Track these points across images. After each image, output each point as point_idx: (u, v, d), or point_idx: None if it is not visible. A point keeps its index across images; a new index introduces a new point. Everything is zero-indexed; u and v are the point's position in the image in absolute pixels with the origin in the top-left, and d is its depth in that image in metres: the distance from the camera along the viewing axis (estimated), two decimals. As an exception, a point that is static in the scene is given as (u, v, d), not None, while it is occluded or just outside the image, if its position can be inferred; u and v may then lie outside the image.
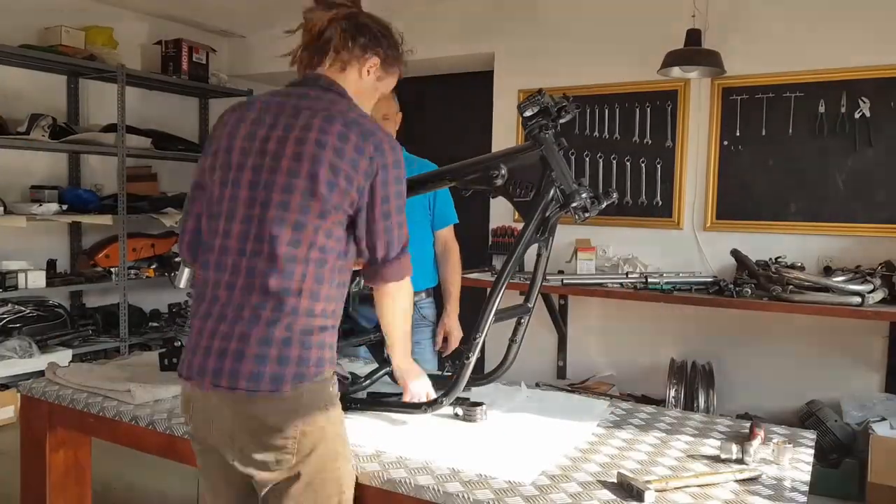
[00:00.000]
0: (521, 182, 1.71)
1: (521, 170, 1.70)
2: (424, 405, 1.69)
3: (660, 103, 4.06)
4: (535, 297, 1.86)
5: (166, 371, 2.02)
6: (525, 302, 1.87)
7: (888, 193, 3.51)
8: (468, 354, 1.65)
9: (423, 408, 1.69)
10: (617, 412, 1.86)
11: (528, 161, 1.69)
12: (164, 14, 5.20)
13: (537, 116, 1.68)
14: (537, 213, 1.67)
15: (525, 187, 1.71)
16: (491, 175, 1.71)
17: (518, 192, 1.71)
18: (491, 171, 1.71)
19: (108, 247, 4.74)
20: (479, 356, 1.68)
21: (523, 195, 1.71)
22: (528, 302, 1.87)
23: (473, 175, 1.77)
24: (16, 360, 4.01)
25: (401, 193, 1.43)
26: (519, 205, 1.72)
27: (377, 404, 1.79)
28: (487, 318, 1.65)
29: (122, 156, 4.61)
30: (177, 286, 2.00)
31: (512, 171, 1.70)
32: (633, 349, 4.17)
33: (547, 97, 1.67)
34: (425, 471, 1.42)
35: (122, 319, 4.66)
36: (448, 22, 4.66)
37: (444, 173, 1.82)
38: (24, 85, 4.50)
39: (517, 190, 1.71)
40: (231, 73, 5.69)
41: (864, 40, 3.49)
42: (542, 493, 1.33)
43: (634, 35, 4.04)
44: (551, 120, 1.68)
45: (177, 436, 1.67)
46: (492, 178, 1.71)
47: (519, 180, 1.71)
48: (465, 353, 1.66)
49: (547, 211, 1.68)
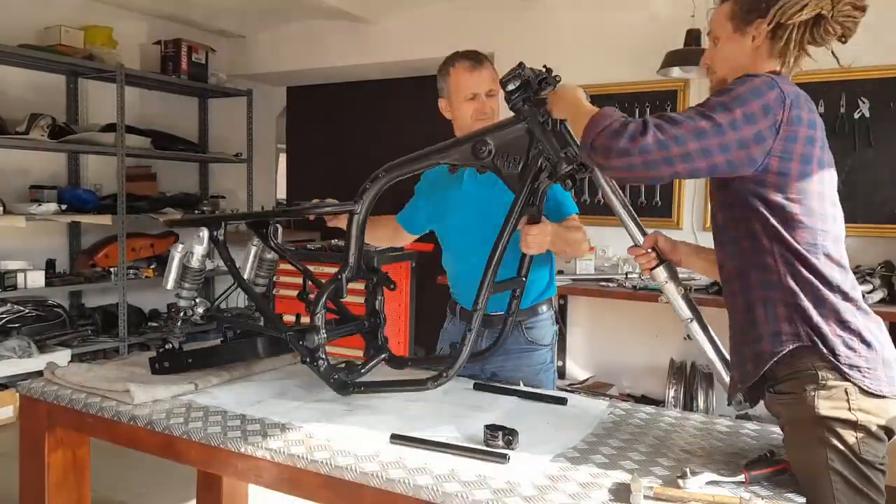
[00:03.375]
0: (508, 155, 1.75)
1: (507, 144, 1.75)
2: (429, 380, 1.70)
3: (660, 103, 4.06)
4: (528, 269, 1.93)
5: (157, 374, 2.01)
6: (518, 275, 1.93)
7: (888, 193, 3.51)
8: (469, 327, 1.69)
9: (428, 383, 1.70)
10: (616, 412, 1.85)
11: (514, 134, 1.74)
12: (163, 14, 5.19)
13: (519, 90, 1.72)
14: (527, 184, 1.73)
15: (513, 160, 1.75)
16: (478, 150, 1.75)
17: (507, 165, 1.76)
18: (478, 146, 1.75)
19: (107, 247, 4.75)
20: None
21: (511, 168, 1.75)
22: (521, 275, 1.93)
23: (461, 152, 1.80)
24: (15, 360, 4.01)
25: None
26: (508, 178, 1.77)
27: (380, 386, 1.79)
28: (485, 289, 1.70)
29: (121, 155, 4.61)
30: (164, 286, 2.00)
31: (499, 146, 1.75)
32: (633, 349, 4.17)
33: (528, 70, 1.71)
34: (424, 471, 1.42)
35: (122, 319, 4.66)
36: (448, 22, 4.66)
37: (431, 152, 1.84)
38: (24, 85, 4.50)
39: (505, 164, 1.76)
40: (230, 73, 5.69)
41: (864, 40, 3.48)
42: (541, 493, 1.33)
43: (634, 35, 4.04)
44: (533, 92, 1.71)
45: (175, 436, 1.66)
46: (479, 153, 1.75)
47: (506, 154, 1.75)
48: (465, 327, 1.70)
49: (536, 181, 1.73)
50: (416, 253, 4.45)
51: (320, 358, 1.79)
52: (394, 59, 5.00)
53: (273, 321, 1.91)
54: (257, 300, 2.01)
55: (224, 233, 2.02)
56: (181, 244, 2.01)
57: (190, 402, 1.83)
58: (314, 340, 1.77)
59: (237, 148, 5.64)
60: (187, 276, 2.00)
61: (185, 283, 2.00)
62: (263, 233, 2.02)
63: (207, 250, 2.00)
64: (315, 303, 1.81)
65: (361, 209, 1.87)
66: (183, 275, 2.00)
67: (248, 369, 2.09)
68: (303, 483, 1.51)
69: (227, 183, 5.87)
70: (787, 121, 1.33)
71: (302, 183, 6.62)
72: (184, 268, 2.00)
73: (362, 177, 1.92)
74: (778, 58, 1.47)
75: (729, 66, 1.50)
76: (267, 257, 2.10)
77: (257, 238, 2.05)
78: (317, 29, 5.29)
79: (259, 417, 1.71)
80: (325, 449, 1.52)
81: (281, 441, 1.57)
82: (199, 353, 2.07)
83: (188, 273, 2.00)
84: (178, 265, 1.99)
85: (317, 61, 5.41)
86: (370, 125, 5.91)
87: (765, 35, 1.44)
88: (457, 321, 2.23)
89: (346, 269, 1.86)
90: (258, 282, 2.11)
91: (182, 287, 2.00)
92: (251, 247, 2.08)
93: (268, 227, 2.03)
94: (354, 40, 5.13)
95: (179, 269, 1.99)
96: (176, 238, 5.24)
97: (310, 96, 6.33)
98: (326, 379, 1.80)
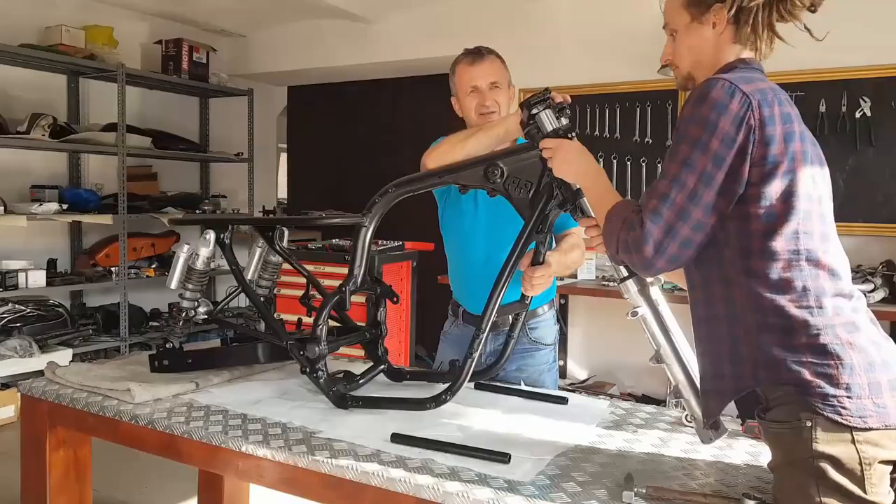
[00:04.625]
0: (519, 181, 1.73)
1: (520, 169, 1.72)
2: (428, 401, 1.69)
3: (660, 103, 4.06)
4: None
5: (157, 372, 2.01)
6: (522, 299, 1.91)
7: (889, 192, 3.51)
8: (471, 351, 1.67)
9: (427, 404, 1.69)
10: (617, 412, 1.86)
11: (528, 161, 1.71)
12: (164, 13, 5.20)
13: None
14: (536, 212, 1.70)
15: (524, 186, 1.73)
16: (490, 174, 1.73)
17: (518, 191, 1.73)
18: (490, 170, 1.73)
19: (108, 246, 4.75)
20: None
21: (522, 194, 1.73)
22: (526, 299, 1.91)
23: (472, 174, 1.78)
24: (16, 360, 4.02)
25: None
26: (518, 203, 1.74)
27: (379, 403, 1.79)
28: (490, 314, 1.67)
29: (122, 155, 4.61)
30: (168, 285, 1.99)
31: (511, 171, 1.72)
32: (634, 349, 4.16)
33: (550, 97, 1.66)
34: (425, 470, 1.42)
35: (123, 319, 4.66)
36: (448, 22, 4.66)
37: (440, 172, 1.82)
38: (25, 84, 4.50)
39: (516, 189, 1.73)
40: (231, 73, 5.70)
41: (865, 40, 3.49)
42: (542, 493, 1.33)
43: (634, 35, 4.03)
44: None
45: (177, 435, 1.66)
46: (491, 176, 1.73)
47: (518, 179, 1.73)
48: (468, 350, 1.68)
49: (546, 209, 1.70)
50: (416, 252, 4.45)
51: (320, 369, 1.79)
52: (394, 58, 5.01)
53: (275, 329, 1.91)
54: (261, 307, 2.00)
55: (231, 236, 2.00)
56: (186, 244, 1.98)
57: (191, 401, 1.84)
58: (315, 352, 1.77)
59: (238, 147, 5.64)
60: (191, 277, 1.98)
61: (189, 285, 1.98)
62: (269, 236, 2.01)
63: (213, 253, 1.98)
64: (318, 314, 1.81)
65: (370, 223, 1.85)
66: (187, 276, 1.98)
67: (250, 369, 2.09)
68: (304, 482, 1.51)
69: (228, 182, 5.88)
70: (760, 123, 1.20)
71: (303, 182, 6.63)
72: (188, 269, 1.98)
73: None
74: (745, 43, 1.33)
75: (692, 58, 1.38)
76: (272, 260, 2.09)
77: (263, 240, 2.05)
78: (318, 29, 5.29)
79: (260, 417, 1.71)
80: (326, 448, 1.52)
81: (282, 440, 1.57)
82: (199, 354, 2.08)
83: (192, 274, 1.98)
84: (183, 266, 1.97)
85: (318, 61, 5.41)
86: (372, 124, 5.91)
87: (726, 20, 1.31)
88: (459, 323, 2.21)
89: (350, 282, 1.85)
90: (262, 283, 2.11)
91: (185, 288, 1.99)
92: (256, 248, 2.08)
93: (274, 231, 2.02)
94: (355, 40, 5.13)
95: (184, 269, 1.97)
96: (177, 238, 5.24)
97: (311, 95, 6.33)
98: (325, 391, 1.80)
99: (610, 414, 1.83)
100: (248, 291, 2.00)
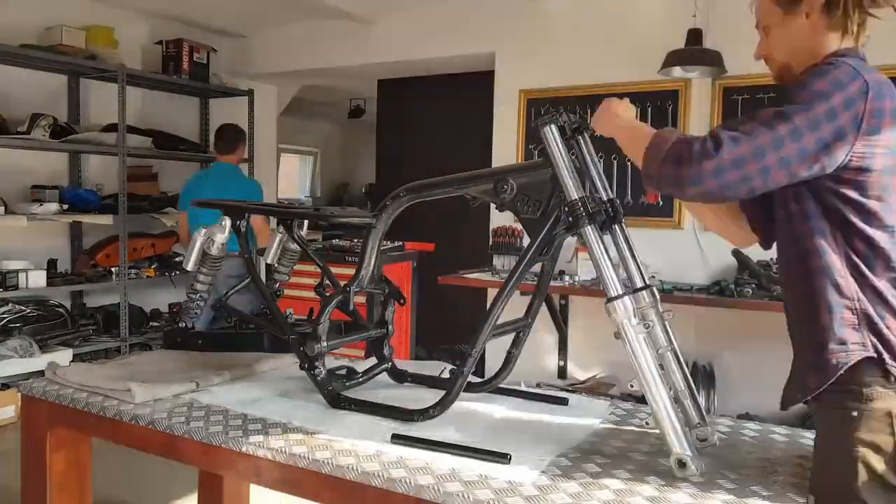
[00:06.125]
0: (529, 199, 1.68)
1: (530, 187, 1.67)
2: (416, 413, 1.68)
3: (661, 103, 4.06)
4: (536, 313, 1.86)
5: (170, 349, 2.07)
6: (525, 317, 1.86)
7: (889, 193, 3.51)
8: (462, 369, 1.62)
9: (416, 417, 1.68)
10: (618, 412, 1.85)
11: (538, 178, 1.66)
12: (164, 14, 5.20)
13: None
14: (543, 233, 1.64)
15: (533, 205, 1.68)
16: (499, 189, 1.68)
17: (526, 208, 1.69)
18: (500, 185, 1.68)
19: (108, 246, 4.75)
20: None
21: (531, 212, 1.68)
22: (529, 317, 1.87)
23: (482, 187, 1.74)
24: (16, 360, 4.02)
25: None
26: (525, 222, 1.70)
27: (370, 408, 1.78)
28: (485, 333, 1.62)
29: (122, 155, 4.61)
30: (184, 266, 2.08)
31: (521, 187, 1.67)
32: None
33: (565, 116, 1.63)
34: (425, 471, 1.42)
35: (123, 319, 4.66)
36: (448, 22, 4.66)
37: (451, 182, 1.80)
38: (25, 84, 4.50)
39: (525, 207, 1.69)
40: (231, 73, 5.70)
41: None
42: (542, 493, 1.33)
43: (635, 35, 4.04)
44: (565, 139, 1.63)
45: (177, 435, 1.66)
46: (500, 191, 1.68)
47: (527, 197, 1.68)
48: (460, 367, 1.62)
49: (553, 231, 1.65)
50: (417, 253, 4.45)
51: (317, 367, 1.79)
52: (394, 58, 5.01)
53: (280, 322, 1.92)
54: (268, 298, 2.01)
55: (247, 224, 2.03)
56: (204, 228, 2.05)
57: (191, 401, 1.84)
58: (314, 349, 1.77)
59: (238, 148, 5.64)
60: (206, 261, 2.05)
61: (203, 269, 2.06)
62: (289, 224, 2.05)
63: (228, 239, 2.04)
64: (321, 312, 1.81)
65: (380, 224, 1.85)
66: (202, 260, 2.05)
67: (250, 368, 2.09)
68: (304, 483, 1.51)
69: (229, 183, 5.87)
70: (870, 113, 1.22)
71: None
72: (203, 253, 2.05)
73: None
74: (837, 28, 1.34)
75: (788, 50, 1.40)
76: (290, 247, 2.15)
77: (283, 227, 2.08)
78: (318, 29, 5.29)
79: (261, 417, 1.71)
80: (326, 448, 1.52)
81: (282, 441, 1.57)
82: (209, 336, 2.20)
83: (207, 259, 2.05)
84: (199, 249, 2.04)
85: (318, 61, 5.41)
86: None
87: (819, 9, 1.34)
88: None
89: (356, 281, 1.85)
90: (280, 269, 2.17)
91: (200, 272, 2.07)
92: (277, 234, 2.12)
93: (293, 221, 2.05)
94: (355, 40, 5.13)
95: (200, 253, 2.05)
96: (177, 238, 5.24)
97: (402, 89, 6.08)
98: (322, 389, 1.80)
99: (610, 415, 1.83)
100: (257, 282, 2.00)
